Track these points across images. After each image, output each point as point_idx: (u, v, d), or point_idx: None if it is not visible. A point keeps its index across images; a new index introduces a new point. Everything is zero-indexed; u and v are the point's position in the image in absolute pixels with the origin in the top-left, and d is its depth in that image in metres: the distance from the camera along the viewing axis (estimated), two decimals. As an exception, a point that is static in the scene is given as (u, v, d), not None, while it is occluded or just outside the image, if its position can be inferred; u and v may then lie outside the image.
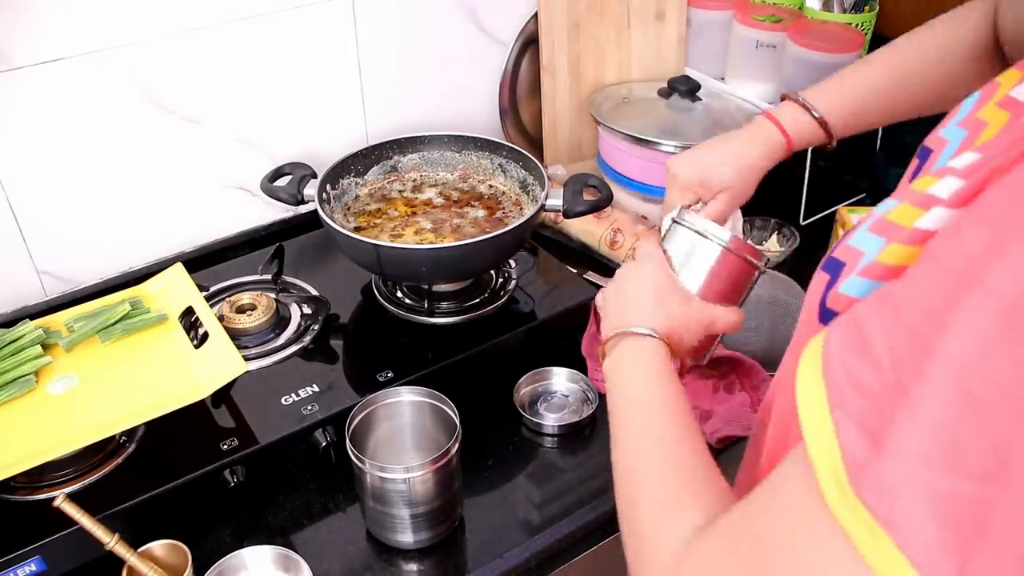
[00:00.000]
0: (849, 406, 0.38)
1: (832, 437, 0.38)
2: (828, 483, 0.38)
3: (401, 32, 1.24)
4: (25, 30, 0.96)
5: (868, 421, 0.37)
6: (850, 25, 1.29)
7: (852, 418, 0.38)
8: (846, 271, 0.48)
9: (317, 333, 1.02)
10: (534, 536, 0.86)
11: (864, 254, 0.47)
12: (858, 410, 0.38)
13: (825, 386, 0.40)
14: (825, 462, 0.38)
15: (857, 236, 0.49)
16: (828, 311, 0.48)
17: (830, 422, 0.39)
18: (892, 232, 0.46)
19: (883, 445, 0.36)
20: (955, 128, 0.54)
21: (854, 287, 0.46)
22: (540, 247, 1.19)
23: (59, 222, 1.08)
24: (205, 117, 1.13)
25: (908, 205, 0.46)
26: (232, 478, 0.86)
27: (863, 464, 0.36)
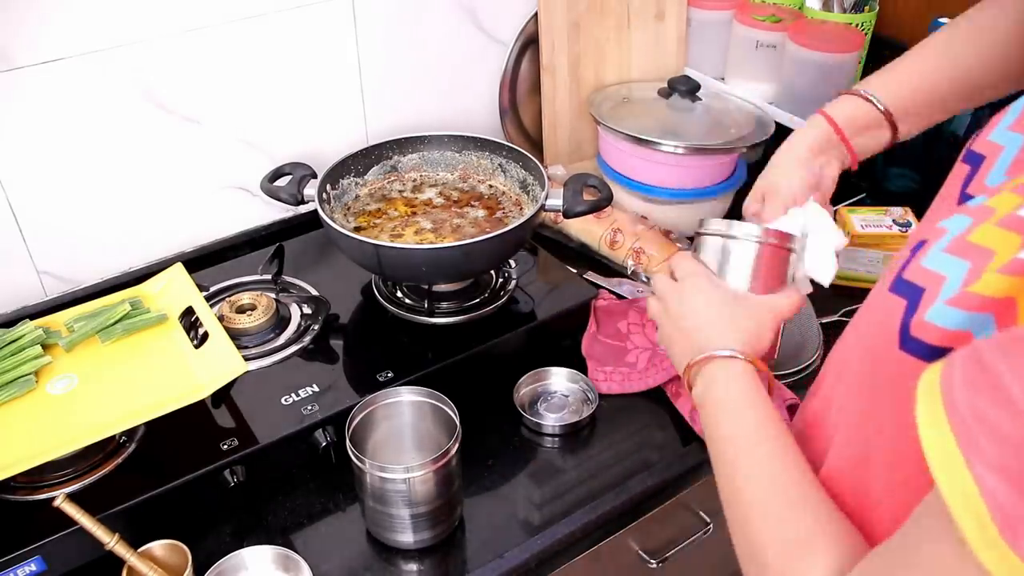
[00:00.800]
0: (987, 455, 0.36)
1: (973, 489, 0.36)
2: (975, 537, 0.35)
3: (401, 32, 1.24)
4: (26, 30, 0.96)
5: (1009, 465, 0.35)
6: (850, 25, 1.28)
7: (992, 468, 0.36)
8: (928, 297, 0.45)
9: (317, 333, 1.02)
10: (534, 536, 0.86)
11: (945, 279, 0.45)
12: (998, 459, 0.36)
13: (954, 434, 0.37)
14: (969, 516, 0.36)
15: (932, 257, 0.47)
16: (914, 339, 0.46)
17: (967, 472, 0.36)
18: (979, 256, 0.44)
19: None
20: (1008, 133, 0.52)
21: (947, 318, 0.44)
22: (540, 247, 1.19)
23: (59, 222, 1.08)
24: (205, 117, 1.13)
25: (995, 227, 0.44)
26: (232, 478, 0.86)
27: (1012, 514, 0.34)
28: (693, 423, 0.97)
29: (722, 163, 1.26)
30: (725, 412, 0.63)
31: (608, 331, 1.08)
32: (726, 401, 0.64)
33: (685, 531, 1.03)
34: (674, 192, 1.25)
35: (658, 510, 0.94)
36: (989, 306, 0.42)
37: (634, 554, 1.01)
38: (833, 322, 1.13)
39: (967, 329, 0.43)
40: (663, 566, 1.01)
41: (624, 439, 0.98)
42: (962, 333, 0.44)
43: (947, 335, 0.44)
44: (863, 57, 1.32)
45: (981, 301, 0.43)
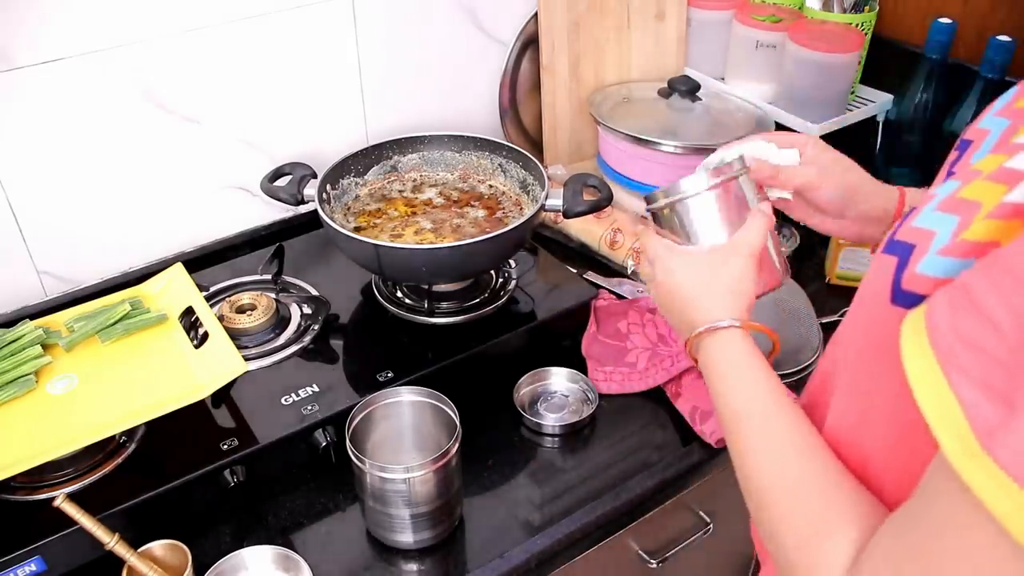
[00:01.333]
0: (968, 370, 0.37)
1: (954, 404, 0.37)
2: (955, 449, 0.37)
3: (401, 32, 1.24)
4: (26, 30, 0.96)
5: (993, 383, 0.36)
6: (850, 25, 1.28)
7: (973, 382, 0.37)
8: (919, 252, 0.47)
9: (317, 333, 1.02)
10: (534, 536, 0.86)
11: (935, 233, 0.46)
12: (979, 373, 0.37)
13: (936, 355, 0.39)
14: (950, 432, 0.37)
15: (923, 217, 0.48)
16: (905, 292, 0.47)
17: (948, 390, 0.38)
18: (967, 209, 0.45)
19: (1015, 404, 0.35)
20: (994, 118, 0.54)
21: (937, 267, 0.45)
22: (540, 247, 1.19)
23: (59, 222, 1.08)
24: (205, 117, 1.13)
25: (983, 182, 0.45)
26: (232, 478, 0.86)
27: (995, 426, 0.36)
28: (693, 423, 0.97)
29: (722, 163, 1.26)
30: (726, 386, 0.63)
31: (608, 331, 1.08)
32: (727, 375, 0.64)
33: (685, 531, 1.03)
34: (674, 192, 1.25)
35: (658, 510, 0.94)
36: (975, 251, 0.43)
37: (634, 554, 1.01)
38: (833, 322, 1.13)
39: (952, 276, 0.44)
40: (663, 566, 1.01)
41: (624, 439, 0.98)
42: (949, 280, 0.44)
43: (937, 284, 0.44)
44: (863, 57, 1.33)
45: (970, 246, 0.44)
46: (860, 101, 1.35)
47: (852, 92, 1.34)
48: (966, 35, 1.26)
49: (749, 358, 0.63)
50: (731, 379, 0.63)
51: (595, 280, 1.20)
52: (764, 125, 1.27)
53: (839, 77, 1.27)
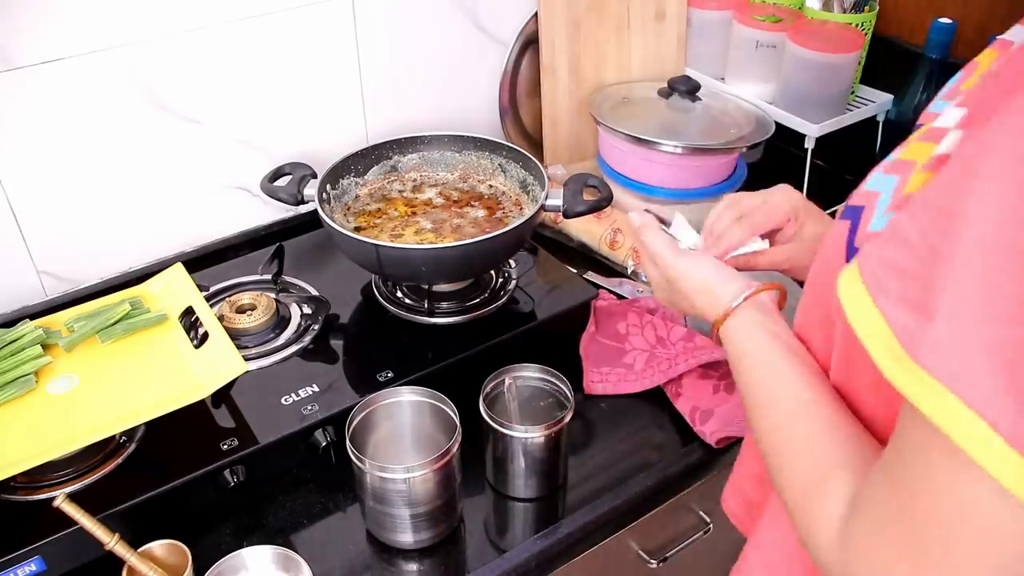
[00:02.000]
0: (889, 289, 0.42)
1: (880, 320, 0.41)
2: (887, 363, 0.40)
3: (401, 32, 1.24)
4: (26, 30, 0.96)
5: (910, 295, 0.40)
6: (850, 25, 1.28)
7: (894, 297, 0.41)
8: (868, 212, 0.50)
9: (317, 333, 1.02)
10: (534, 536, 0.86)
11: (879, 194, 0.50)
12: (898, 289, 0.41)
13: (863, 280, 0.43)
14: (880, 347, 0.41)
15: (871, 181, 0.52)
16: (856, 250, 0.50)
17: (874, 309, 0.42)
18: (904, 168, 0.49)
19: (929, 311, 0.39)
20: (940, 101, 0.58)
21: (883, 223, 0.48)
22: (540, 247, 1.19)
23: (59, 222, 1.08)
24: (205, 117, 1.13)
25: (916, 143, 0.50)
26: (232, 478, 0.86)
27: (915, 333, 0.39)
28: (693, 423, 0.97)
29: (722, 163, 1.26)
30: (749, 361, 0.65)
31: (607, 332, 1.08)
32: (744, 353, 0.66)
33: (685, 531, 1.03)
34: (674, 192, 1.25)
35: (658, 510, 0.94)
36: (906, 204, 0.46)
37: (634, 554, 1.01)
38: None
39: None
40: (663, 566, 1.01)
41: (624, 439, 0.98)
42: None
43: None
44: (863, 57, 1.33)
45: (906, 199, 0.47)
46: (860, 101, 1.35)
47: (852, 92, 1.34)
48: (966, 35, 1.26)
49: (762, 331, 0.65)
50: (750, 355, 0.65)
51: (595, 280, 1.20)
52: (764, 125, 1.27)
53: (839, 77, 1.27)
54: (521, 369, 0.92)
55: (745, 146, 1.24)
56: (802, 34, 1.25)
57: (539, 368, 0.92)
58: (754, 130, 1.25)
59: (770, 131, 1.25)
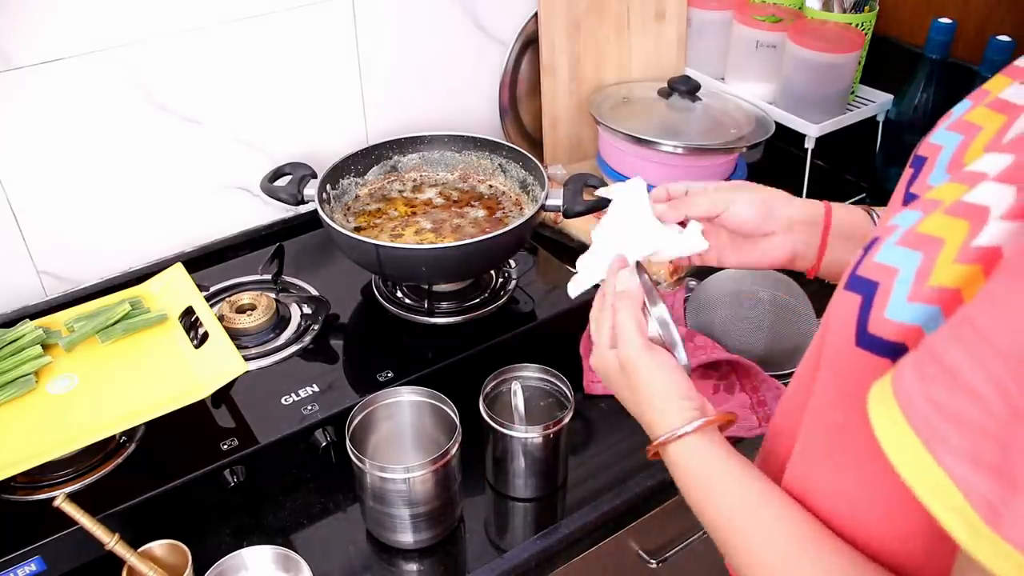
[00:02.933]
0: (955, 447, 0.35)
1: (948, 484, 0.35)
2: (964, 535, 0.35)
3: (401, 32, 1.24)
4: (25, 30, 0.96)
5: (986, 458, 0.34)
6: (850, 25, 1.28)
7: (964, 459, 0.35)
8: (883, 292, 0.45)
9: (317, 333, 1.02)
10: (534, 536, 0.86)
11: (898, 271, 0.44)
12: (969, 449, 0.35)
13: (915, 432, 0.37)
14: (953, 515, 0.35)
15: (884, 252, 0.46)
16: (871, 336, 0.45)
17: (938, 469, 0.36)
18: (929, 245, 0.43)
19: (1016, 481, 0.33)
20: (947, 133, 0.53)
21: (905, 313, 0.43)
22: (540, 247, 1.19)
23: (59, 222, 1.08)
24: (205, 117, 1.13)
25: (943, 216, 0.44)
26: (232, 478, 0.86)
27: (999, 504, 0.34)
28: None
29: (722, 163, 1.26)
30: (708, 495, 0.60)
31: (608, 331, 1.08)
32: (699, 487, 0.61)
33: (685, 531, 1.03)
34: (674, 192, 1.25)
35: (658, 510, 0.94)
36: (942, 297, 0.42)
37: (634, 554, 1.01)
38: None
39: (919, 323, 0.43)
40: (663, 566, 1.01)
41: (624, 439, 0.98)
42: (915, 327, 0.43)
43: (902, 330, 0.43)
44: (863, 57, 1.33)
45: (938, 293, 0.42)
46: (860, 101, 1.35)
47: (852, 92, 1.34)
48: (966, 35, 1.26)
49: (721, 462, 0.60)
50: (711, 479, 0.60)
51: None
52: (764, 125, 1.27)
53: (839, 77, 1.27)
54: (521, 369, 0.92)
55: (745, 146, 1.24)
56: (802, 34, 1.25)
57: (539, 368, 0.92)
58: (754, 130, 1.25)
59: (770, 131, 1.25)
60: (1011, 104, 0.49)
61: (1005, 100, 0.49)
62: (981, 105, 0.51)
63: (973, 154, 0.44)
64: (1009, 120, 0.48)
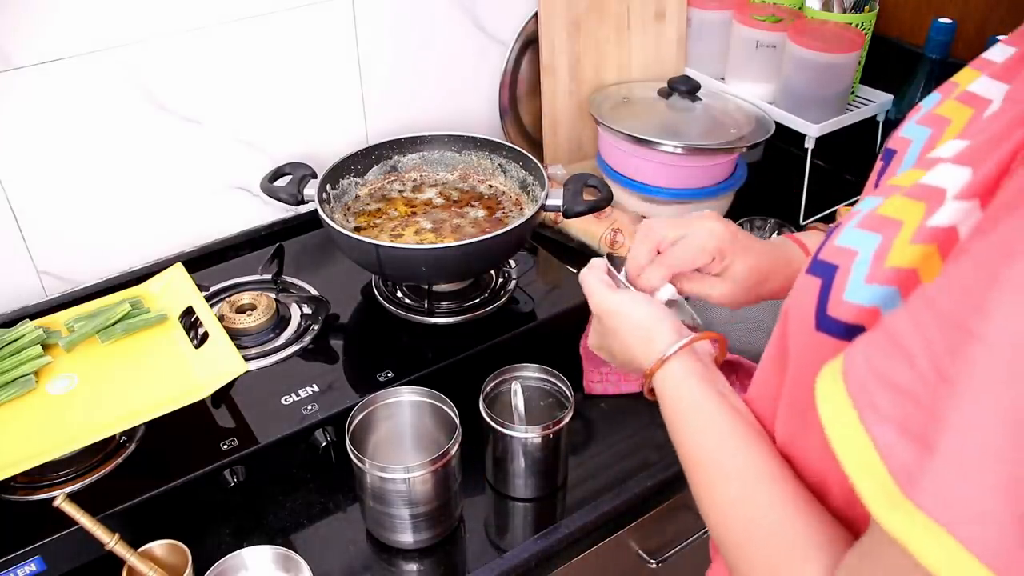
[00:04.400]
0: (883, 409, 0.35)
1: (868, 447, 0.35)
2: (877, 499, 0.35)
3: (401, 32, 1.24)
4: (25, 30, 0.96)
5: (911, 423, 0.35)
6: (850, 25, 1.28)
7: (890, 422, 0.35)
8: (842, 274, 0.45)
9: (317, 333, 1.02)
10: (534, 536, 0.86)
11: (857, 253, 0.44)
12: (894, 412, 0.35)
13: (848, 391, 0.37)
14: (869, 480, 0.35)
15: (845, 235, 0.46)
16: (830, 319, 0.45)
17: (863, 433, 0.36)
18: (887, 227, 0.43)
19: (931, 444, 0.33)
20: (916, 127, 0.53)
21: (863, 294, 0.43)
22: (540, 247, 1.19)
23: (59, 222, 1.08)
24: (205, 117, 1.13)
25: (902, 198, 0.44)
26: (232, 478, 0.86)
27: (913, 469, 0.34)
28: None
29: (722, 163, 1.26)
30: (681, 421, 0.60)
31: (608, 331, 1.08)
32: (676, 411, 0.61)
33: (685, 531, 1.03)
34: (674, 192, 1.25)
35: (658, 510, 0.94)
36: (899, 278, 0.42)
37: (634, 554, 1.01)
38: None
39: (877, 304, 0.43)
40: (663, 566, 1.01)
41: (624, 439, 0.98)
42: (873, 309, 0.43)
43: (860, 312, 0.43)
44: (863, 57, 1.33)
45: (896, 273, 0.42)
46: (860, 101, 1.35)
47: (852, 92, 1.34)
48: (966, 35, 1.26)
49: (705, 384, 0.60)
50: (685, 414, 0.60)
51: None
52: (764, 125, 1.27)
53: (839, 77, 1.27)
54: (521, 369, 0.92)
55: (745, 146, 1.24)
56: (802, 34, 1.25)
57: (539, 368, 0.92)
58: (754, 130, 1.25)
59: (770, 131, 1.25)
60: (978, 97, 0.49)
61: (973, 93, 0.49)
62: (950, 99, 0.52)
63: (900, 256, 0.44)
64: (977, 113, 0.48)
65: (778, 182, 1.44)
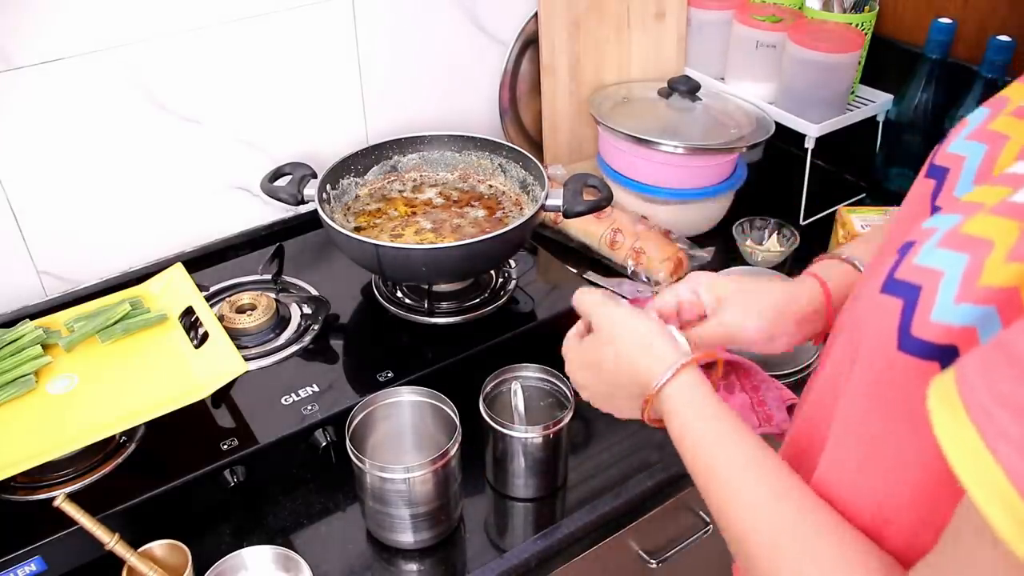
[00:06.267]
0: (1013, 437, 0.34)
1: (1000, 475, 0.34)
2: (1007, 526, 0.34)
3: (401, 32, 1.24)
4: (25, 30, 0.96)
5: None
6: (850, 25, 1.28)
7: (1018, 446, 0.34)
8: (927, 295, 0.43)
9: (317, 333, 1.02)
10: (534, 536, 0.86)
11: (943, 273, 0.43)
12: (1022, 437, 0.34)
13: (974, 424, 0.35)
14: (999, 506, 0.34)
15: (925, 255, 0.45)
16: (915, 339, 0.44)
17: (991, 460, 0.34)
18: (976, 247, 0.42)
19: None
20: (967, 143, 0.52)
21: (953, 314, 0.42)
22: (540, 247, 1.19)
23: (59, 222, 1.08)
24: (205, 117, 1.13)
25: (988, 216, 0.43)
26: (232, 478, 0.86)
27: None
28: None
29: (722, 163, 1.26)
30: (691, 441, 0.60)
31: (608, 331, 1.08)
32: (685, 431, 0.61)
33: (685, 531, 1.03)
34: (674, 192, 1.25)
35: (658, 510, 0.94)
36: (995, 296, 0.41)
37: (634, 554, 1.01)
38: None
39: (971, 324, 0.41)
40: (663, 566, 1.01)
41: (624, 439, 0.98)
42: (967, 329, 0.42)
43: (951, 332, 0.42)
44: (863, 57, 1.33)
45: (992, 292, 0.41)
46: (860, 101, 1.35)
47: (852, 92, 1.34)
48: (966, 35, 1.26)
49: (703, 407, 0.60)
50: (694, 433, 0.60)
51: (595, 280, 1.20)
52: (764, 125, 1.27)
53: (839, 77, 1.27)
54: (521, 369, 0.92)
55: (745, 146, 1.24)
56: (802, 34, 1.25)
57: (539, 368, 0.92)
58: (754, 130, 1.25)
59: (770, 131, 1.25)
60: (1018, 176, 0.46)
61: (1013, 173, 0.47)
62: (1004, 114, 0.50)
63: (1004, 162, 0.43)
64: None
65: (778, 182, 1.44)
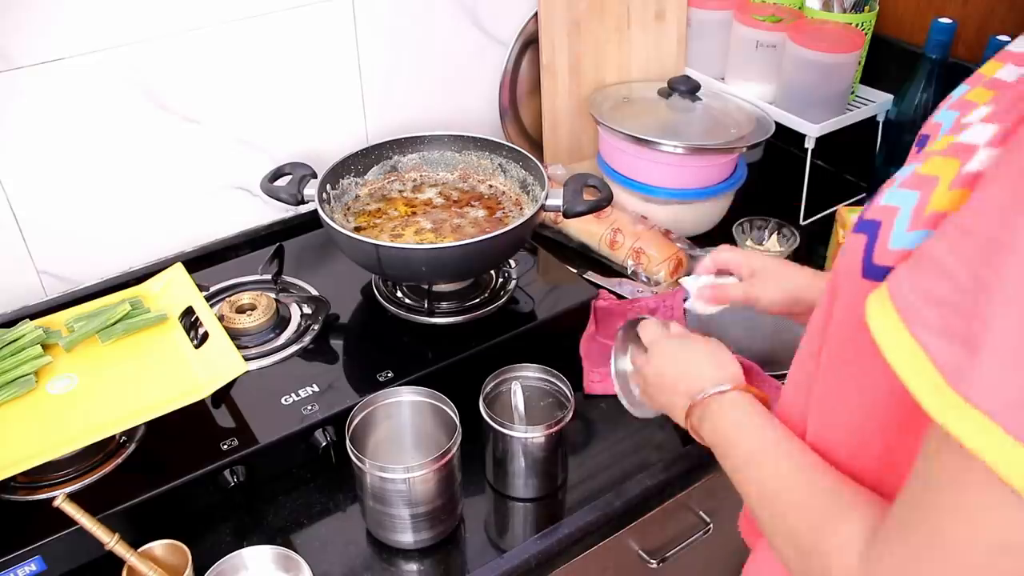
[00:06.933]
0: (929, 321, 0.40)
1: (917, 351, 0.40)
2: (932, 400, 0.39)
3: (401, 32, 1.24)
4: (26, 30, 0.96)
5: (953, 328, 0.39)
6: (850, 25, 1.28)
7: (935, 330, 0.40)
8: (886, 227, 0.49)
9: (317, 333, 1.02)
10: (534, 536, 0.86)
11: (899, 209, 0.49)
12: (939, 322, 0.40)
13: (898, 312, 0.42)
14: (923, 382, 0.40)
15: (888, 196, 0.51)
16: (876, 266, 0.49)
17: (913, 342, 0.40)
18: (926, 184, 0.47)
19: (975, 344, 0.38)
20: (946, 112, 0.57)
21: (905, 240, 0.47)
22: (540, 247, 1.19)
23: (59, 222, 1.08)
24: (205, 117, 1.13)
25: (939, 158, 0.48)
26: (232, 478, 0.86)
27: (963, 368, 0.38)
28: None
29: (722, 163, 1.26)
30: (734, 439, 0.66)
31: (607, 332, 1.08)
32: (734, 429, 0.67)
33: (685, 531, 1.03)
34: (674, 192, 1.25)
35: (658, 510, 0.94)
36: (935, 223, 0.46)
37: (634, 554, 1.01)
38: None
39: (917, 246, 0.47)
40: (663, 566, 1.01)
41: (624, 439, 0.98)
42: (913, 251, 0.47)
43: (904, 256, 0.47)
44: (863, 57, 1.33)
45: (933, 218, 0.46)
46: (860, 101, 1.35)
47: (852, 92, 1.34)
48: (966, 35, 1.26)
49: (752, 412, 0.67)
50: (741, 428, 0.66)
51: (595, 280, 1.20)
52: (764, 125, 1.27)
53: (839, 77, 1.27)
54: (521, 369, 0.92)
55: (745, 146, 1.24)
56: (802, 34, 1.25)
57: (539, 368, 0.92)
58: (754, 130, 1.25)
59: (770, 131, 1.25)
60: (1003, 82, 0.52)
61: (997, 79, 0.53)
62: (978, 86, 0.55)
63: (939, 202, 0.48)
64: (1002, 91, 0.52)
65: (778, 182, 1.44)
